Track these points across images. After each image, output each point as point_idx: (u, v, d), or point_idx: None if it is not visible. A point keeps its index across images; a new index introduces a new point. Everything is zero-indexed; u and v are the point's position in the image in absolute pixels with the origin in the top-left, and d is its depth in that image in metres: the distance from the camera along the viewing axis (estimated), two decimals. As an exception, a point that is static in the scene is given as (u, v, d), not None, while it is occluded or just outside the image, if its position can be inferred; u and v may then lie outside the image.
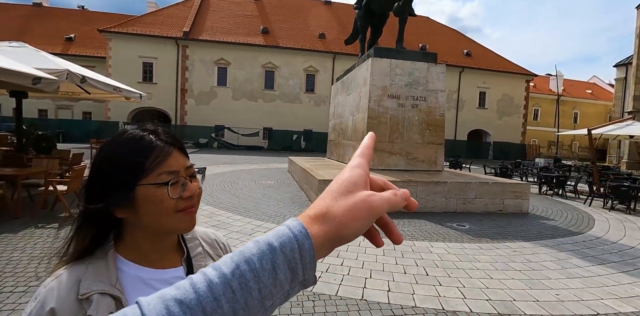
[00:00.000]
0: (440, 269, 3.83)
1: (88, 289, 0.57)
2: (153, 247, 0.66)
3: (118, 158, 0.61)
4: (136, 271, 0.64)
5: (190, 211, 0.63)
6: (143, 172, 0.60)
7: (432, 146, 8.22)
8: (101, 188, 0.60)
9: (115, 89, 8.59)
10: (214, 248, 0.78)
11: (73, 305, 0.56)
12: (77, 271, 0.60)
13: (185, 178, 0.63)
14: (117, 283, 0.60)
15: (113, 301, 0.58)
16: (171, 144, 0.64)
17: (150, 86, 24.99)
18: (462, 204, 6.85)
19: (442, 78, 8.25)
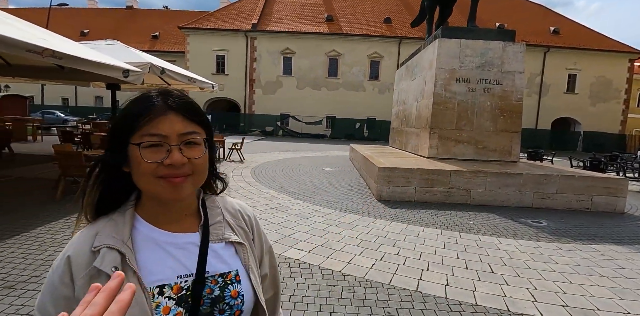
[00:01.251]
0: (508, 267, 3.50)
1: (100, 242, 0.59)
2: (163, 210, 0.66)
3: (123, 114, 0.62)
4: (150, 232, 0.65)
5: (171, 181, 0.60)
6: (133, 130, 0.60)
7: (506, 134, 7.47)
8: (110, 141, 0.63)
9: (190, 80, 9.32)
10: (236, 219, 0.75)
11: (86, 255, 0.59)
12: (98, 226, 0.62)
13: (173, 144, 0.60)
14: (128, 241, 0.61)
15: (119, 256, 0.59)
16: (171, 107, 0.61)
17: (223, 77, 26.65)
18: (540, 199, 6.16)
19: (520, 58, 7.37)
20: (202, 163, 0.63)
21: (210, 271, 0.65)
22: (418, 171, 6.15)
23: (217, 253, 0.68)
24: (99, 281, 0.55)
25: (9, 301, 2.44)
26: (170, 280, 0.62)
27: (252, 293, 0.68)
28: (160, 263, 0.63)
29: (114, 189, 0.64)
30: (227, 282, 0.66)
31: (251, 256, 0.72)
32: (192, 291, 0.62)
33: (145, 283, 0.59)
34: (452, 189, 6.16)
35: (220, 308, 0.64)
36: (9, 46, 3.87)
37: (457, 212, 5.60)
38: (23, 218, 4.23)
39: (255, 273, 0.71)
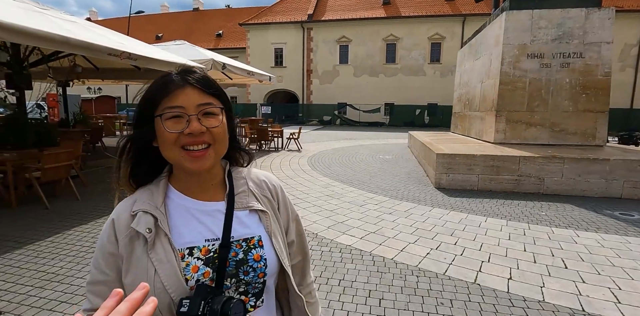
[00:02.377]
0: (586, 263, 3.12)
1: (137, 208, 0.68)
2: (192, 180, 0.72)
3: (147, 92, 0.68)
4: (181, 200, 0.72)
5: (192, 155, 0.66)
6: (155, 105, 0.66)
7: (589, 115, 6.54)
8: (138, 118, 0.70)
9: (249, 73, 9.73)
10: (260, 188, 0.80)
11: (126, 219, 0.67)
12: (136, 195, 0.71)
13: (192, 114, 0.65)
14: (161, 206, 0.68)
15: (152, 220, 0.66)
16: (188, 81, 0.66)
17: (281, 70, 27.35)
18: (632, 188, 5.34)
19: (608, 26, 6.32)
20: (220, 132, 0.68)
21: (235, 236, 0.71)
22: (481, 158, 5.72)
23: (241, 220, 0.73)
24: (137, 241, 0.66)
25: (97, 271, 2.84)
26: (199, 243, 0.68)
27: (275, 258, 0.73)
28: (190, 228, 0.69)
29: (148, 163, 0.72)
30: (250, 247, 0.71)
31: (274, 224, 0.76)
32: (219, 253, 0.68)
33: (175, 245, 0.66)
34: (521, 177, 5.63)
35: (244, 270, 0.69)
36: (94, 51, 4.40)
37: (526, 202, 5.11)
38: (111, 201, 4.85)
39: (279, 240, 0.76)
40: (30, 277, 2.73)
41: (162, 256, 0.64)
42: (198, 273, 0.66)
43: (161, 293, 0.62)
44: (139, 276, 0.64)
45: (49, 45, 3.83)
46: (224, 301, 0.60)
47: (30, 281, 2.66)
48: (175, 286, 0.63)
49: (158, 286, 0.63)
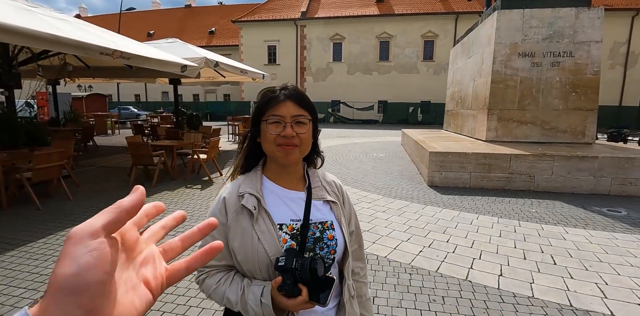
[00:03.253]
0: (574, 259, 3.19)
1: (244, 190, 0.89)
2: (281, 171, 0.93)
3: (259, 103, 0.92)
4: (272, 187, 0.93)
5: (285, 148, 0.87)
6: (263, 112, 0.89)
7: (579, 113, 6.65)
8: (253, 120, 0.93)
9: (242, 71, 9.66)
10: (330, 186, 1.00)
11: (235, 197, 0.89)
12: (240, 180, 0.94)
13: (287, 122, 0.86)
14: (259, 190, 0.90)
15: (256, 200, 0.87)
16: (287, 96, 0.88)
17: (274, 67, 27.22)
18: (620, 185, 5.45)
19: (597, 25, 6.42)
20: (306, 137, 0.89)
21: (313, 219, 0.90)
22: (473, 156, 5.79)
23: (317, 207, 0.93)
24: (242, 215, 0.87)
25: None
26: (286, 221, 0.89)
27: (343, 239, 0.92)
28: (280, 209, 0.90)
29: (251, 156, 0.96)
30: (325, 228, 0.90)
31: (342, 213, 0.96)
32: (300, 231, 0.88)
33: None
34: (512, 175, 5.72)
35: (320, 246, 0.88)
36: (86, 49, 4.35)
37: (517, 199, 5.20)
38: (104, 201, 4.83)
39: (345, 226, 0.94)
40: (24, 279, 2.72)
41: (264, 228, 0.85)
42: (286, 244, 0.86)
43: (262, 255, 0.83)
44: (245, 242, 0.85)
45: (40, 44, 3.78)
46: (310, 259, 0.78)
47: (23, 283, 2.65)
48: (274, 251, 0.83)
49: (260, 250, 0.83)
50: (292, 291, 0.77)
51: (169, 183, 5.95)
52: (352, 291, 0.97)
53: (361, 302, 1.05)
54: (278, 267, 0.78)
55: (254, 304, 0.80)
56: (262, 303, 0.80)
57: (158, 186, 5.69)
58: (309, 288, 0.78)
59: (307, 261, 0.77)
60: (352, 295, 0.96)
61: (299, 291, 0.77)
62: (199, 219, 4.16)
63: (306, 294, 0.77)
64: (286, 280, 0.77)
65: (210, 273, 0.91)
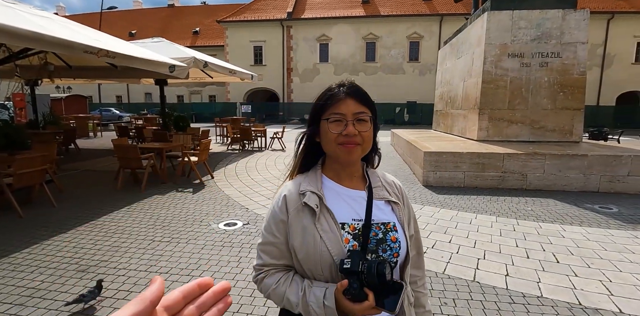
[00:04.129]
0: (575, 257, 3.22)
1: (305, 188, 0.87)
2: (341, 170, 0.91)
3: (316, 102, 0.90)
4: (333, 186, 0.90)
5: (347, 147, 0.84)
6: (324, 111, 0.86)
7: (567, 112, 6.79)
8: (310, 121, 0.91)
9: (231, 72, 9.50)
10: (390, 186, 0.96)
11: (295, 195, 0.86)
12: (299, 179, 0.91)
13: (349, 120, 0.83)
14: (320, 189, 0.87)
15: (318, 198, 0.84)
16: (347, 93, 0.85)
17: (261, 68, 26.97)
18: (608, 182, 5.58)
19: (583, 27, 6.58)
20: (368, 135, 0.86)
21: (375, 219, 0.86)
22: (467, 155, 5.82)
23: (379, 207, 0.89)
24: (303, 213, 0.84)
25: (83, 283, 2.67)
26: (348, 220, 0.85)
27: (406, 242, 0.88)
28: (341, 208, 0.86)
29: (309, 156, 0.94)
30: (388, 229, 0.86)
31: (404, 215, 0.92)
32: (362, 232, 0.84)
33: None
34: (505, 174, 5.77)
35: (383, 248, 0.84)
36: (69, 48, 4.14)
37: (512, 197, 5.25)
38: (90, 208, 4.61)
39: (407, 229, 0.90)
40: (9, 293, 2.53)
41: (326, 227, 0.82)
42: (349, 245, 0.82)
43: (325, 255, 0.80)
44: (307, 241, 0.82)
45: (20, 42, 3.57)
46: (378, 262, 0.74)
47: (8, 298, 2.46)
48: (337, 250, 0.80)
49: (323, 250, 0.80)
50: (358, 296, 0.74)
51: (158, 187, 5.75)
52: (411, 298, 0.94)
53: (421, 314, 1.00)
54: (343, 269, 0.75)
55: (317, 306, 0.77)
56: (326, 306, 0.76)
57: (147, 190, 5.49)
58: (374, 293, 0.74)
59: (375, 264, 0.73)
60: (411, 302, 0.93)
61: (365, 295, 0.74)
62: (194, 223, 4.02)
63: (373, 299, 0.74)
64: (352, 284, 0.74)
65: (269, 272, 0.88)
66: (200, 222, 4.09)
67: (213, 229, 3.87)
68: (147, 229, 3.83)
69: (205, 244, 3.43)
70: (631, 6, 24.03)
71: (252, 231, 3.84)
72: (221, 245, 3.43)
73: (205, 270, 2.92)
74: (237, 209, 4.65)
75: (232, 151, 10.54)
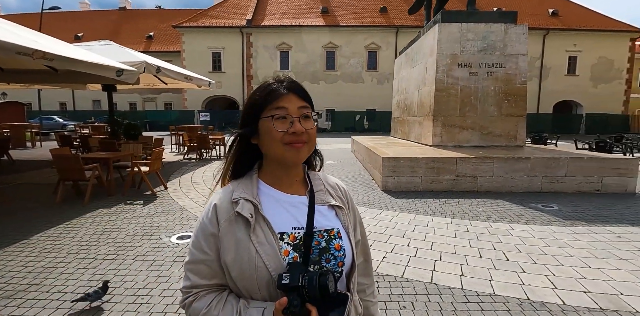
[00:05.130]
0: (523, 254, 3.39)
1: (238, 196, 0.78)
2: (281, 174, 0.83)
3: (251, 98, 0.82)
4: (271, 192, 0.82)
5: (295, 146, 0.77)
6: (263, 108, 0.78)
7: (511, 119, 7.30)
8: (242, 122, 0.83)
9: (186, 78, 9.16)
10: (334, 189, 0.90)
11: (227, 204, 0.77)
12: (232, 186, 0.82)
13: (294, 116, 0.76)
14: (256, 196, 0.79)
15: (253, 207, 0.76)
16: (288, 88, 0.79)
17: (220, 75, 26.41)
18: (549, 183, 6.02)
19: (523, 40, 7.17)
20: (314, 133, 0.80)
21: (318, 226, 0.80)
22: (423, 160, 6.02)
23: (322, 213, 0.82)
24: (237, 224, 0.75)
25: (8, 311, 2.35)
26: (287, 230, 0.77)
27: (351, 249, 0.82)
28: (280, 216, 0.79)
29: (243, 159, 0.85)
30: (331, 237, 0.80)
31: (349, 220, 0.86)
32: (304, 241, 0.77)
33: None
34: (458, 177, 6.04)
35: (326, 257, 0.78)
36: None
37: (465, 200, 5.48)
38: (23, 225, 4.14)
39: (352, 235, 0.84)
40: None
41: (263, 239, 0.73)
42: (289, 257, 0.74)
43: (262, 270, 0.71)
44: (241, 255, 0.73)
45: None
46: (320, 274, 0.68)
47: None
48: (275, 264, 0.72)
49: (259, 265, 0.72)
50: (299, 313, 0.67)
51: (105, 200, 5.32)
52: (360, 308, 0.88)
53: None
54: (281, 285, 0.68)
55: None
56: None
57: (92, 204, 5.06)
58: (318, 308, 0.68)
59: (316, 276, 0.68)
60: (359, 313, 0.87)
61: (308, 312, 0.68)
62: (143, 238, 3.74)
63: (316, 315, 0.68)
64: (292, 301, 0.67)
65: (198, 295, 0.77)
66: (151, 236, 3.82)
67: (164, 243, 3.63)
68: (89, 247, 3.50)
69: (155, 260, 3.20)
70: (563, 24, 26.72)
71: (207, 243, 3.65)
72: (172, 260, 3.21)
73: (153, 288, 2.71)
74: (192, 220, 4.41)
75: (189, 160, 10.12)
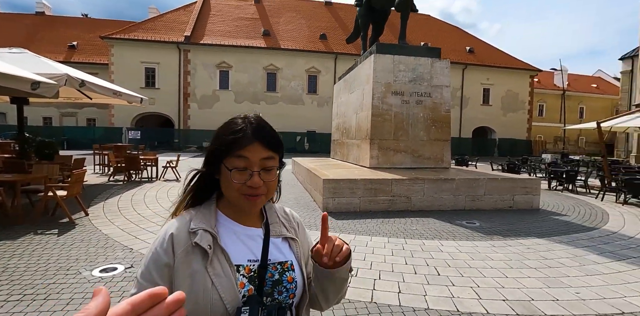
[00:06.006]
0: (452, 268, 3.67)
1: (196, 226, 0.77)
2: (239, 209, 0.83)
3: (218, 139, 0.81)
4: (229, 224, 0.82)
5: (250, 199, 0.78)
6: (227, 154, 0.78)
7: (438, 143, 8.04)
8: (208, 159, 0.83)
9: (115, 93, 8.53)
10: (288, 221, 0.93)
11: (185, 235, 0.76)
12: (189, 215, 0.80)
13: (254, 170, 0.77)
14: (215, 227, 0.79)
15: (211, 238, 0.76)
16: (255, 135, 0.79)
17: (153, 91, 25.05)
18: (471, 201, 6.67)
19: (446, 73, 8.08)
20: (273, 184, 0.82)
21: (272, 259, 0.82)
22: (362, 182, 6.29)
23: (276, 245, 0.85)
24: (193, 255, 0.74)
25: None
26: (243, 262, 0.78)
27: (302, 281, 0.84)
28: (237, 248, 0.79)
29: (203, 190, 0.85)
30: (284, 269, 0.82)
31: (301, 251, 0.88)
32: (258, 273, 0.78)
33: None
34: (394, 197, 6.40)
35: (279, 290, 0.79)
36: None
37: (400, 219, 5.80)
38: None
39: (304, 267, 0.87)
40: None
41: (219, 271, 0.74)
42: (244, 289, 0.75)
43: (217, 304, 0.71)
44: (196, 288, 0.72)
45: None
46: (278, 308, 0.71)
47: None
48: (232, 298, 0.72)
49: (215, 297, 0.71)
50: None
51: (8, 230, 4.58)
52: None
53: None
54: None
55: None
56: None
57: (-9, 234, 4.33)
58: None
59: (275, 310, 0.71)
60: None
61: None
62: (58, 273, 3.29)
63: None
64: None
65: None
66: (67, 270, 3.37)
67: (85, 277, 3.23)
68: (-14, 286, 2.97)
69: (72, 298, 2.82)
70: (478, 60, 30.70)
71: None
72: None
73: (70, 329, 2.38)
74: (118, 250, 4.00)
75: (115, 182, 9.26)
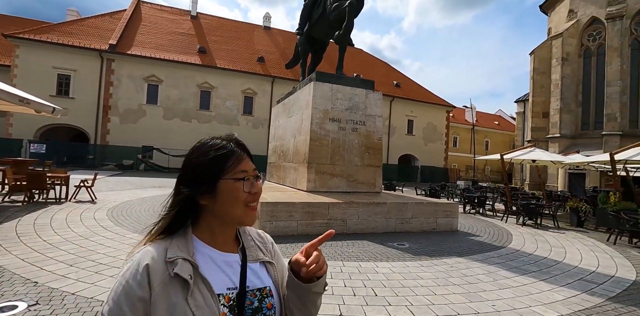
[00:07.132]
0: (387, 289, 3.85)
1: (174, 255, 0.73)
2: (219, 232, 0.82)
3: (205, 160, 0.79)
4: (207, 250, 0.80)
5: (253, 207, 0.80)
6: (225, 170, 0.79)
7: (371, 169, 8.54)
8: (190, 180, 0.79)
9: (22, 100, 7.49)
10: (263, 244, 0.93)
11: (162, 265, 0.71)
12: (164, 243, 0.76)
13: (253, 178, 0.81)
14: (193, 255, 0.75)
15: (191, 267, 0.73)
16: (244, 151, 0.84)
17: (66, 101, 22.40)
18: (401, 224, 7.12)
19: (379, 104, 8.77)
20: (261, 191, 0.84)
21: (250, 286, 0.80)
22: (300, 205, 6.34)
23: (254, 271, 0.83)
24: (172, 287, 0.69)
25: None
26: (223, 291, 0.76)
27: (280, 307, 0.84)
28: (216, 276, 0.77)
29: (181, 216, 0.80)
30: (263, 296, 0.81)
31: (278, 276, 0.88)
32: (237, 302, 0.76)
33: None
34: (330, 220, 6.54)
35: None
36: None
37: (337, 241, 5.93)
38: None
39: (282, 291, 0.86)
40: None
41: (201, 302, 0.70)
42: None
43: None
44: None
45: None
46: None
47: None
48: None
49: None
50: None
51: None
52: None
53: None
54: None
55: None
56: None
57: None
58: None
59: None
60: None
61: None
62: None
63: None
64: None
65: None
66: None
67: (-28, 319, 2.67)
68: None
69: (-46, 346, 2.30)
70: (403, 93, 33.87)
71: (44, 314, 2.85)
72: (-13, 341, 2.38)
73: None
74: (17, 285, 3.39)
75: (12, 203, 7.91)
